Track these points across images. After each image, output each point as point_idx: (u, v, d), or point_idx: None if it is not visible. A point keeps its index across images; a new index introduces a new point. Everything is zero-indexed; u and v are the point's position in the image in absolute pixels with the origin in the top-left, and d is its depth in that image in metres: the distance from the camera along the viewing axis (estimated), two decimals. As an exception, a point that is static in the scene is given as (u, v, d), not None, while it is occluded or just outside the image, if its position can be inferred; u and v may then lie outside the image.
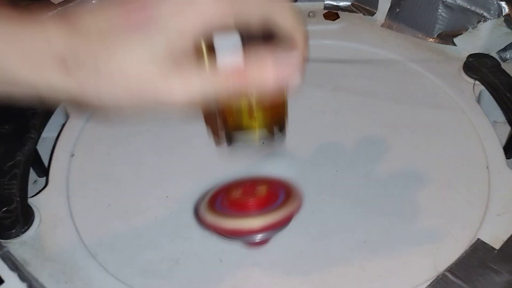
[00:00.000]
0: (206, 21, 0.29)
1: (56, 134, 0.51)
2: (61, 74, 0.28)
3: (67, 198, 0.45)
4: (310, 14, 0.63)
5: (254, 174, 0.46)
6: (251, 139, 0.38)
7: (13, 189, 0.44)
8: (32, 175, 0.50)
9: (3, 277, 0.32)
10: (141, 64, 0.28)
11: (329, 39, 0.61)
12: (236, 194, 0.39)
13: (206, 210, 0.38)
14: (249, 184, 0.40)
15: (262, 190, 0.39)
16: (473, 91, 0.53)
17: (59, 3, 0.53)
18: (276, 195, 0.39)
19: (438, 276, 0.38)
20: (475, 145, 0.49)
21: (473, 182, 0.46)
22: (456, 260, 0.39)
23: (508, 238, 0.40)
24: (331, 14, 0.64)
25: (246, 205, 0.37)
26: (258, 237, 0.38)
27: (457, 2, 0.55)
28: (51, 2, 0.54)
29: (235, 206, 0.38)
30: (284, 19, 0.31)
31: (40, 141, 0.49)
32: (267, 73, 0.29)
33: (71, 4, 0.54)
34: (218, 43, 0.31)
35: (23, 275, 0.32)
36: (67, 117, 0.52)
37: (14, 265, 0.33)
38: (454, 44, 0.58)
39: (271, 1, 0.31)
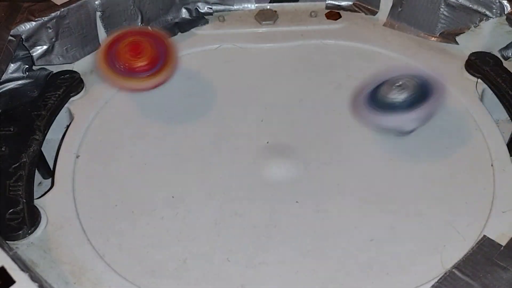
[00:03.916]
0: None
1: (61, 136, 0.51)
2: None
3: (73, 199, 0.45)
4: (312, 13, 0.63)
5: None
6: None
7: (19, 191, 0.44)
8: (37, 177, 0.50)
9: (14, 278, 0.32)
10: None
11: (331, 38, 0.61)
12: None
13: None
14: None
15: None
16: (476, 89, 0.54)
17: (61, 4, 0.53)
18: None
19: (445, 273, 0.38)
20: (479, 143, 0.49)
21: (478, 180, 0.46)
22: (463, 257, 0.39)
23: (514, 235, 0.40)
24: (333, 13, 0.64)
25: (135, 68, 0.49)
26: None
27: (459, 1, 0.55)
28: (53, 3, 0.54)
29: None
30: None
31: (45, 142, 0.49)
32: None
33: (74, 5, 0.54)
34: None
35: (34, 276, 0.32)
36: (71, 118, 0.52)
37: (25, 266, 0.33)
38: (457, 43, 0.58)
39: None
